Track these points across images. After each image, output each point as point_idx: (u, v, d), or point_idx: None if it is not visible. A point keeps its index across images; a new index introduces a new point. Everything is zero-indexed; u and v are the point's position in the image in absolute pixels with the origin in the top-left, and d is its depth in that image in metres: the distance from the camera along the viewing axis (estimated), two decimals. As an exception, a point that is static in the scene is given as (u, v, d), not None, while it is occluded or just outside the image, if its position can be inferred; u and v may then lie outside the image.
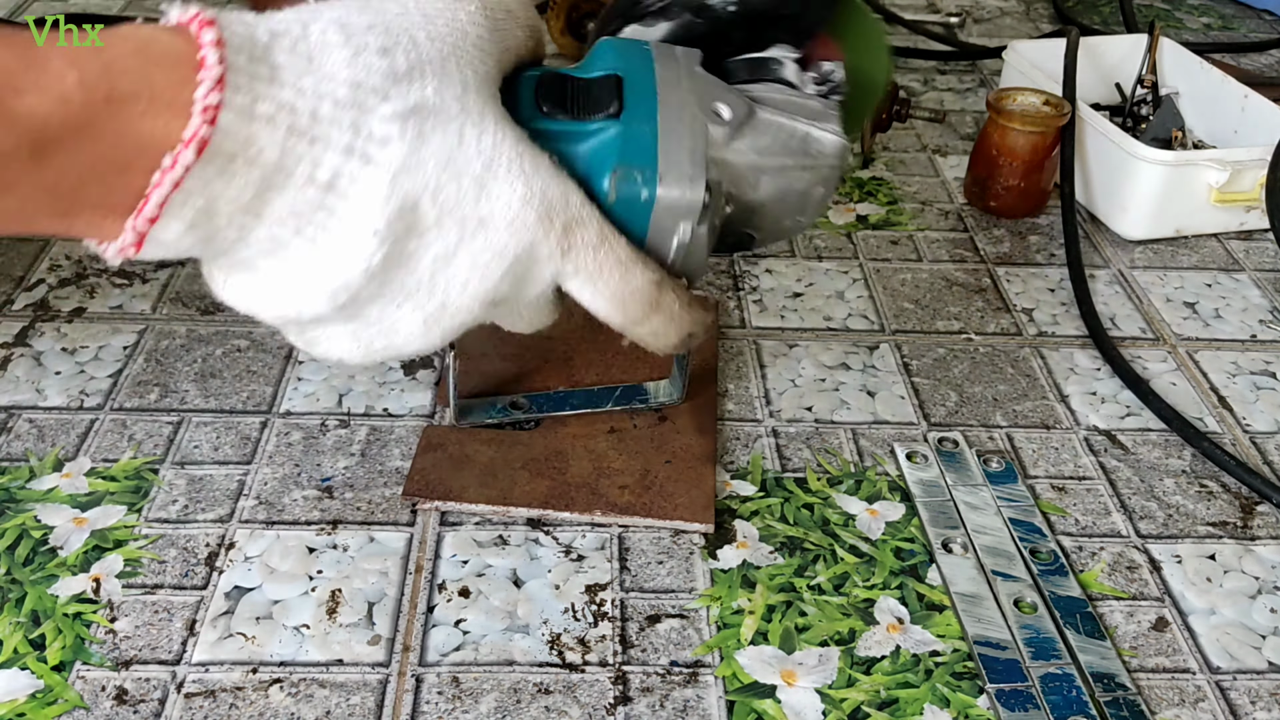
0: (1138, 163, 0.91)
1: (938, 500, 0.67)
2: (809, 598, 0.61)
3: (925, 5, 1.42)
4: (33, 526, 0.62)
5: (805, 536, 0.64)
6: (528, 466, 0.66)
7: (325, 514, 0.64)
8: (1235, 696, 0.57)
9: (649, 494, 0.65)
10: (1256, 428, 0.75)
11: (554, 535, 0.63)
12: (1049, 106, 0.95)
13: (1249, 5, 1.46)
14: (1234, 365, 0.81)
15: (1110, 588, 0.62)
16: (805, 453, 0.70)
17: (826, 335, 0.81)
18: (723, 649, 0.57)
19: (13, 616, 0.57)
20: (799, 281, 0.86)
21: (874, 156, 1.05)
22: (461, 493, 0.64)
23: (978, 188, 0.97)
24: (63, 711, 0.53)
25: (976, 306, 0.85)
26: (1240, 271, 0.92)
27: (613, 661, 0.57)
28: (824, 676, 0.56)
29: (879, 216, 0.96)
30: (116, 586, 0.59)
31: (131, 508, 0.63)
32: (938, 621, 0.60)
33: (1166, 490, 0.69)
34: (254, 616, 0.58)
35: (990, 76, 1.23)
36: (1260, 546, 0.66)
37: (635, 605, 0.60)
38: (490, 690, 0.55)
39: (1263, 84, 1.11)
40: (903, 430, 0.72)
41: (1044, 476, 0.69)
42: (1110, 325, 0.84)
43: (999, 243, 0.94)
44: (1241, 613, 0.61)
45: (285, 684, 0.55)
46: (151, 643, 0.56)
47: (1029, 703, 0.55)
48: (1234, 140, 1.03)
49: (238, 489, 0.65)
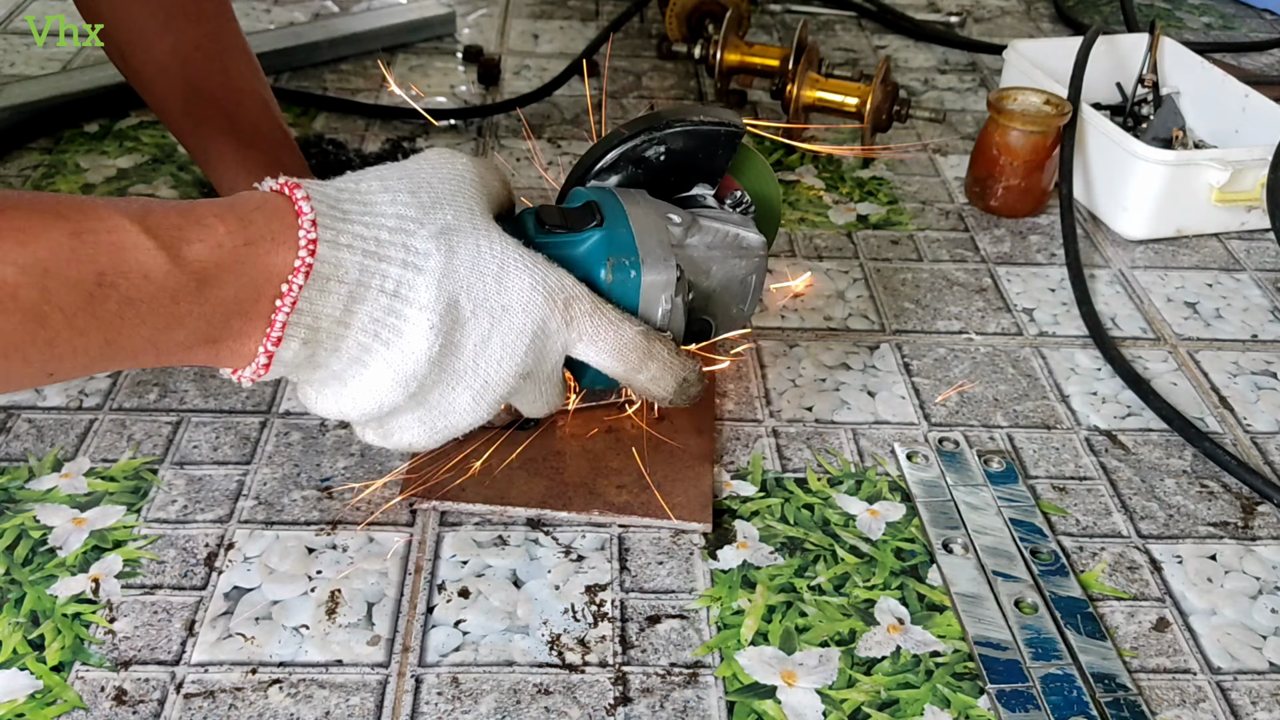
0: (1138, 162, 0.91)
1: (938, 500, 0.67)
2: (809, 598, 0.60)
3: (925, 5, 1.42)
4: (32, 527, 0.62)
5: (805, 537, 0.64)
6: (525, 466, 0.66)
7: (325, 514, 0.64)
8: (1236, 697, 0.57)
9: (647, 493, 0.65)
10: (1257, 428, 0.75)
11: (554, 536, 0.63)
12: (1049, 106, 0.95)
13: (1249, 5, 1.46)
14: (1235, 365, 0.80)
15: (1111, 588, 0.62)
16: (805, 453, 0.70)
17: (826, 335, 0.81)
18: (723, 649, 0.57)
19: (12, 617, 0.57)
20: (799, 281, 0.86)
21: (875, 157, 1.05)
22: (459, 493, 0.64)
23: (978, 187, 0.97)
24: (62, 712, 0.53)
25: (977, 306, 0.85)
26: (1241, 271, 0.92)
27: (613, 662, 0.56)
28: (824, 677, 0.56)
29: (879, 216, 0.96)
30: (116, 587, 0.59)
31: (131, 508, 0.63)
32: (938, 622, 0.60)
33: (1167, 490, 0.69)
34: (253, 617, 0.58)
35: (991, 76, 1.23)
36: (1261, 547, 0.65)
37: (635, 606, 0.59)
38: (490, 691, 0.55)
39: (1263, 83, 1.10)
40: (903, 430, 0.72)
41: (1045, 477, 0.69)
42: (1111, 325, 0.84)
43: (999, 242, 0.94)
44: (1242, 613, 0.61)
45: (285, 684, 0.54)
46: (151, 643, 0.56)
47: (1029, 703, 0.55)
48: (1235, 140, 1.03)
49: (237, 489, 0.65)
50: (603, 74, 1.18)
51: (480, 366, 0.55)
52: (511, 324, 0.55)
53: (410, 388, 0.54)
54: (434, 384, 0.55)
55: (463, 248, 0.54)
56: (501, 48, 1.23)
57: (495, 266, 0.55)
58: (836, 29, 1.34)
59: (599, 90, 1.15)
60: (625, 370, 0.58)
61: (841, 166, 1.03)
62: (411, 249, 0.53)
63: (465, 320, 0.54)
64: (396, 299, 0.53)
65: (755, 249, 0.64)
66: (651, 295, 0.59)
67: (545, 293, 0.55)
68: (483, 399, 0.56)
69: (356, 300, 0.52)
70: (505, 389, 0.56)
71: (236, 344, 0.52)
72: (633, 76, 1.18)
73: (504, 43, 1.25)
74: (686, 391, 0.60)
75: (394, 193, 0.54)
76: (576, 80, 1.16)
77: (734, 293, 0.64)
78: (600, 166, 0.64)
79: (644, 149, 0.63)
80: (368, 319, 0.52)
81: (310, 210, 0.51)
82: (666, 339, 0.59)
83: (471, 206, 0.56)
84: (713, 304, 0.64)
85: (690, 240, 0.62)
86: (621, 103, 1.13)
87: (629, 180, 0.64)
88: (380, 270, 0.52)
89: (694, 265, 0.62)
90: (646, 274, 0.59)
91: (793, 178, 1.01)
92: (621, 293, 0.59)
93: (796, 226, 0.94)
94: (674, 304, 0.60)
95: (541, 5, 1.35)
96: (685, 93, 1.16)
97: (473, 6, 1.33)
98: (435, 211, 0.54)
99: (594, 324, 0.57)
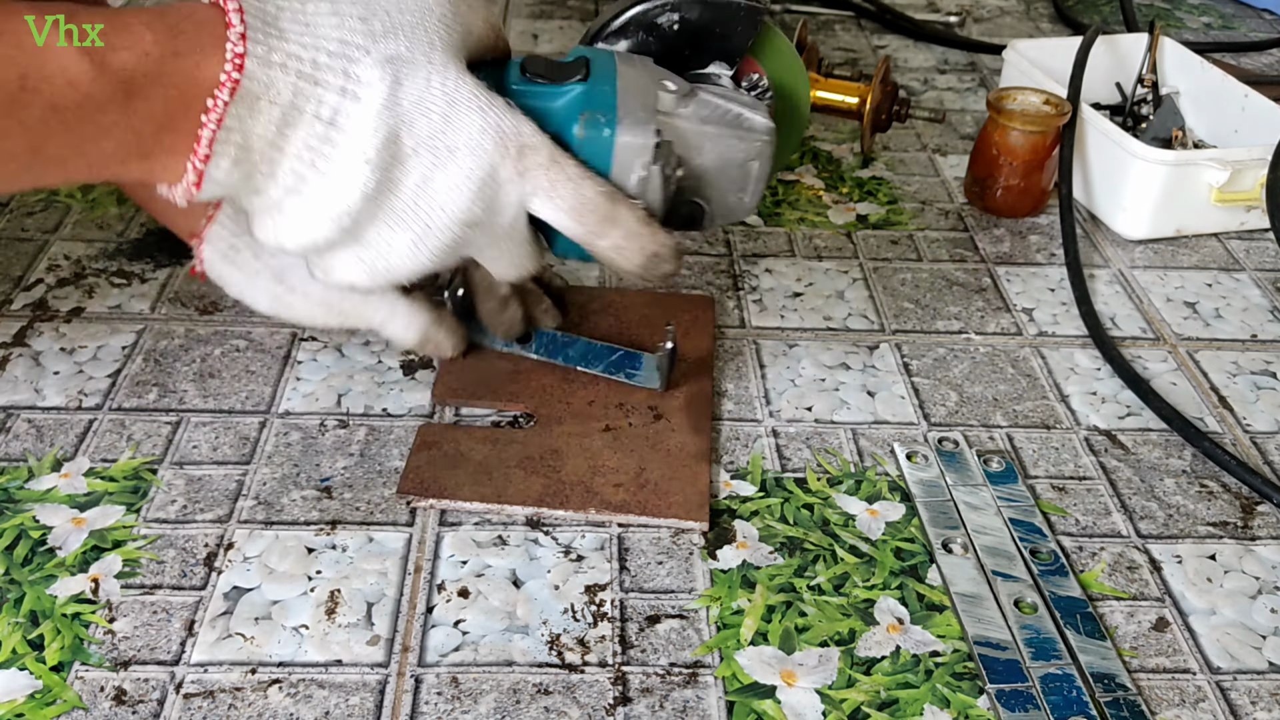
0: (1138, 162, 0.91)
1: (938, 500, 0.67)
2: (809, 598, 0.60)
3: (925, 5, 1.42)
4: (31, 527, 0.62)
5: (805, 537, 0.64)
6: (522, 464, 0.66)
7: (324, 514, 0.64)
8: (1236, 697, 0.57)
9: (644, 491, 0.65)
10: (1257, 427, 0.75)
11: (553, 535, 0.63)
12: (1049, 106, 0.95)
13: (1249, 5, 1.46)
14: (1234, 365, 0.80)
15: (1110, 588, 0.62)
16: (805, 453, 0.70)
17: (826, 335, 0.81)
18: (722, 649, 0.57)
19: (11, 617, 0.57)
20: (799, 281, 0.86)
21: (874, 156, 1.05)
22: (456, 490, 0.64)
23: (978, 187, 0.97)
24: (61, 712, 0.53)
25: (976, 306, 0.85)
26: (1241, 271, 0.92)
27: (612, 662, 0.56)
28: (824, 677, 0.56)
29: (879, 216, 0.96)
30: (115, 587, 0.59)
31: (130, 508, 0.63)
32: (938, 622, 0.60)
33: (1167, 490, 0.69)
34: (253, 617, 0.58)
35: (990, 76, 1.23)
36: (1261, 546, 0.66)
37: (635, 606, 0.59)
38: (490, 691, 0.55)
39: (1263, 83, 1.10)
40: (903, 430, 0.72)
41: (1044, 476, 0.69)
42: (1110, 325, 0.84)
43: (999, 242, 0.94)
44: (1242, 613, 0.61)
45: (284, 684, 0.54)
46: (150, 643, 0.56)
47: (1029, 703, 0.55)
48: (1234, 140, 1.03)
49: (236, 489, 0.65)
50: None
51: (421, 208, 0.53)
52: (457, 166, 0.52)
53: (344, 222, 0.52)
54: (370, 220, 0.53)
55: (410, 80, 0.51)
56: (501, 47, 1.23)
57: (444, 103, 0.52)
58: (836, 29, 1.34)
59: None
60: (585, 233, 0.55)
61: (841, 166, 1.03)
62: (352, 76, 0.50)
63: (406, 157, 0.52)
64: (332, 127, 0.50)
65: (759, 131, 0.59)
66: (625, 158, 0.55)
67: (497, 137, 0.52)
68: (424, 243, 0.53)
69: (290, 124, 0.50)
70: (449, 236, 0.54)
71: (169, 159, 0.50)
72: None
73: (503, 42, 1.25)
74: (658, 268, 0.57)
75: (342, 16, 0.51)
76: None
77: (732, 178, 0.59)
78: (611, 30, 0.61)
79: (657, 14, 0.60)
80: (302, 145, 0.50)
81: (240, 24, 0.49)
82: (635, 206, 0.56)
83: (432, 40, 0.52)
84: (706, 186, 0.59)
85: (683, 110, 0.57)
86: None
87: (639, 48, 0.61)
88: (316, 95, 0.50)
89: (684, 139, 0.57)
90: (622, 134, 0.55)
91: (792, 178, 1.01)
92: (593, 151, 0.55)
93: (796, 226, 0.94)
94: (650, 172, 0.55)
95: (541, 5, 1.35)
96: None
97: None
98: (386, 40, 0.51)
99: (550, 177, 0.54)
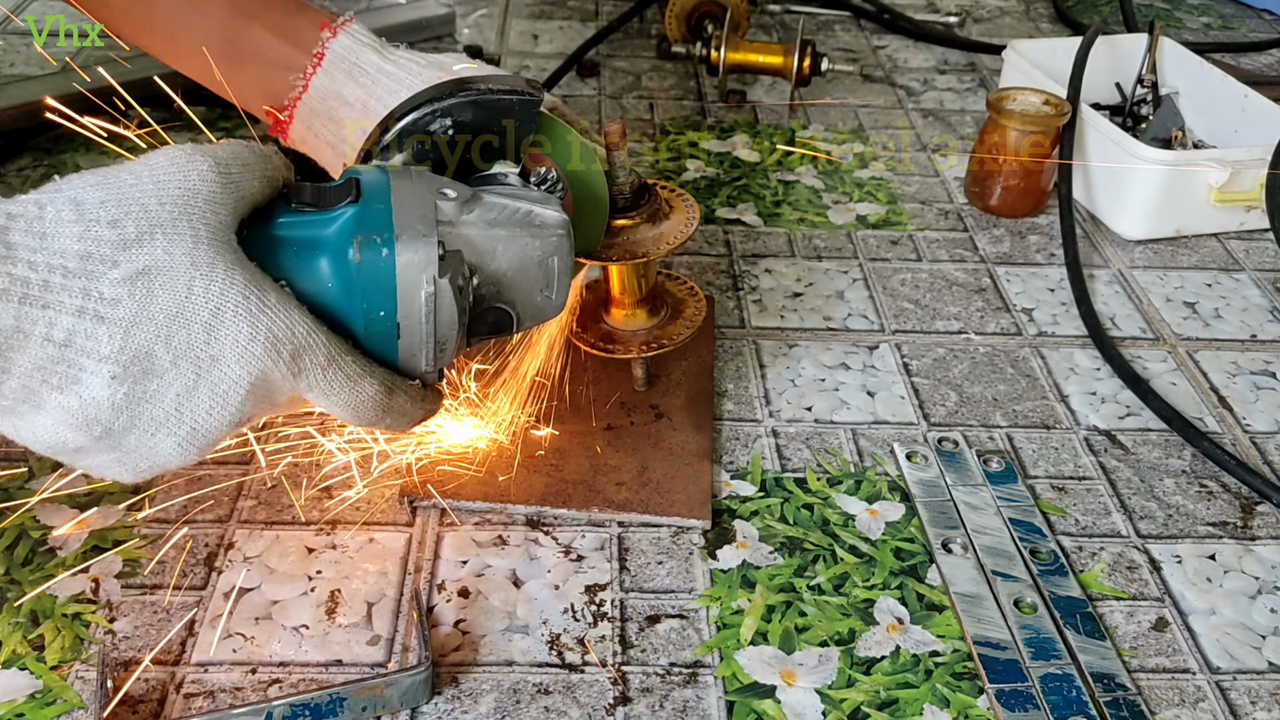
0: (1138, 163, 0.91)
1: (938, 500, 0.67)
2: (809, 598, 0.60)
3: (925, 5, 1.42)
4: (31, 527, 0.62)
5: (805, 537, 0.64)
6: (525, 464, 0.66)
7: (324, 514, 0.64)
8: (1235, 696, 0.57)
9: (646, 490, 0.65)
10: (1256, 427, 0.75)
11: (553, 535, 0.63)
12: (1049, 106, 0.95)
13: (1249, 5, 1.46)
14: (1234, 365, 0.80)
15: (1110, 588, 0.62)
16: (805, 453, 0.70)
17: (826, 335, 0.81)
18: (722, 649, 0.57)
19: (11, 617, 0.57)
20: (799, 281, 0.86)
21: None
22: (458, 490, 0.64)
23: (977, 187, 0.97)
24: (62, 712, 0.53)
25: (976, 306, 0.85)
26: (1240, 271, 0.92)
27: (612, 662, 0.56)
28: (824, 677, 0.56)
29: (879, 216, 0.96)
30: (115, 587, 0.59)
31: (130, 508, 0.63)
32: (938, 622, 0.60)
33: (1166, 490, 0.69)
34: (253, 617, 0.58)
35: (990, 76, 1.23)
36: (1260, 546, 0.66)
37: (635, 605, 0.59)
38: (490, 690, 0.55)
39: (1263, 83, 1.11)
40: (902, 430, 0.72)
41: (1044, 476, 0.69)
42: (1110, 325, 0.84)
43: (999, 242, 0.94)
44: (1241, 613, 0.61)
45: (284, 684, 0.54)
46: (151, 643, 0.56)
47: (1029, 703, 0.55)
48: (1234, 140, 1.03)
49: (237, 489, 0.65)
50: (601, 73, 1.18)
51: (186, 415, 0.51)
52: (223, 374, 0.50)
53: (94, 432, 0.50)
54: (129, 430, 0.50)
55: (165, 292, 0.49)
56: (501, 48, 1.23)
57: (207, 313, 0.49)
58: (836, 29, 1.34)
59: (598, 91, 1.15)
60: (358, 423, 0.55)
61: (841, 167, 1.03)
62: (92, 295, 0.48)
63: (164, 371, 0.50)
64: (68, 348, 0.48)
65: (553, 226, 0.56)
66: (410, 276, 0.53)
67: (268, 342, 0.50)
68: (192, 444, 0.52)
69: (13, 349, 0.47)
70: (219, 434, 0.52)
71: None
72: (632, 77, 1.18)
73: (503, 43, 1.25)
74: (424, 425, 0.58)
75: (88, 223, 0.48)
76: (576, 80, 1.16)
77: (533, 277, 0.57)
78: (383, 144, 0.58)
79: (428, 123, 0.58)
80: (31, 366, 0.48)
81: None
82: (412, 388, 0.55)
83: (197, 233, 0.50)
84: (508, 289, 0.57)
85: (467, 216, 0.55)
86: (621, 103, 1.13)
87: (418, 158, 0.59)
88: (45, 319, 0.47)
89: (473, 246, 0.55)
90: (402, 252, 0.52)
91: (792, 178, 1.01)
92: (373, 275, 0.52)
93: (796, 227, 0.94)
94: (439, 286, 0.53)
95: (541, 5, 1.35)
96: (685, 93, 1.16)
97: (472, 6, 1.33)
98: (140, 247, 0.49)
99: (326, 379, 0.52)
